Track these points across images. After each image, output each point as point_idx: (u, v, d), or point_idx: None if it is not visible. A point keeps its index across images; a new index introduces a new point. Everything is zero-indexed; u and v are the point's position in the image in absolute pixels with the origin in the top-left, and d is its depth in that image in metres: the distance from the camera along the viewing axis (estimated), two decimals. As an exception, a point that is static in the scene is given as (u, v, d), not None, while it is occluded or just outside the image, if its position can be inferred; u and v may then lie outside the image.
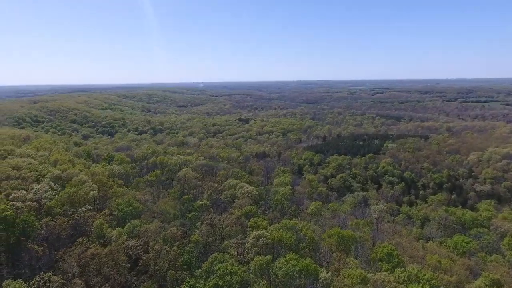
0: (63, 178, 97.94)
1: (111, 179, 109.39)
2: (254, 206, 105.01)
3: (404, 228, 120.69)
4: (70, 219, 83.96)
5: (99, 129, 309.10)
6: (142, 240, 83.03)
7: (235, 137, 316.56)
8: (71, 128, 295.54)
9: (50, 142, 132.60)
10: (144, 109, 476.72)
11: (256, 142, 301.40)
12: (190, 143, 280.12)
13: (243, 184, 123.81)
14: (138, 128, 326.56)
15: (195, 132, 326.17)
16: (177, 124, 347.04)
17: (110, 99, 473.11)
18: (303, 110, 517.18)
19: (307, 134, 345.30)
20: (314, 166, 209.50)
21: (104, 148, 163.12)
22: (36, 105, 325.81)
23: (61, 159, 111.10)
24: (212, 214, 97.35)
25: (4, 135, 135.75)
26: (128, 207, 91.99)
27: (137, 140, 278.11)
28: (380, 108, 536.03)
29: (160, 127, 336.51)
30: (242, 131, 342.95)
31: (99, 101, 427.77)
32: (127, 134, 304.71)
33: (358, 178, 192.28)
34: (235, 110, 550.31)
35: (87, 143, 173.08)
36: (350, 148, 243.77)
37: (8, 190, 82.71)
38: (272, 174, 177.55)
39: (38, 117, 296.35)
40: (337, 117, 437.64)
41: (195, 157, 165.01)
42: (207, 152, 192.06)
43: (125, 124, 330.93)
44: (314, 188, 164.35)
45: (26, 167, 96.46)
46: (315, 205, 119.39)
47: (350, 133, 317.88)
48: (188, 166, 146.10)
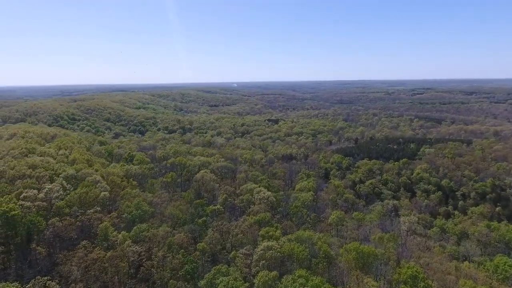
0: (77, 178, 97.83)
1: (125, 180, 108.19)
2: (268, 214, 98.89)
3: (437, 244, 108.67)
4: (78, 221, 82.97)
5: (131, 128, 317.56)
6: (146, 246, 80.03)
7: (263, 138, 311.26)
8: (105, 126, 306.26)
9: (73, 141, 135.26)
10: (176, 108, 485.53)
11: (284, 143, 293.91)
12: (217, 143, 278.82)
13: (260, 189, 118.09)
14: (168, 127, 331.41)
15: (223, 132, 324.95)
16: (206, 123, 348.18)
17: (144, 99, 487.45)
18: (336, 111, 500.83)
19: (338, 136, 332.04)
20: (342, 170, 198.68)
21: (128, 147, 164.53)
22: (74, 104, 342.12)
23: (79, 158, 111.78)
24: (222, 221, 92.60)
25: (32, 133, 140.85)
26: (136, 210, 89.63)
27: (166, 139, 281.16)
28: (420, 109, 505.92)
29: (189, 126, 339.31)
30: (271, 131, 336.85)
31: (133, 100, 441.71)
32: (157, 133, 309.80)
33: (389, 185, 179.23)
34: (266, 110, 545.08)
35: (112, 142, 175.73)
36: (382, 152, 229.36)
37: (20, 189, 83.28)
38: (295, 178, 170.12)
39: (75, 115, 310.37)
40: (371, 118, 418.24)
41: (216, 158, 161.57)
42: (229, 153, 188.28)
43: (156, 123, 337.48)
44: (339, 195, 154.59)
45: (42, 166, 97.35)
46: (337, 214, 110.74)
47: (384, 136, 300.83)
48: (207, 168, 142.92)
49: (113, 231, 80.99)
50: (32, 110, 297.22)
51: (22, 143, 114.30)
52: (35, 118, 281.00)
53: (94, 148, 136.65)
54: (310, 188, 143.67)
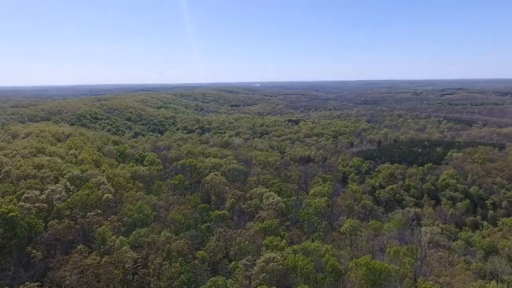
0: (82, 179, 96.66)
1: (131, 182, 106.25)
2: (276, 221, 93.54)
3: (461, 260, 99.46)
4: (77, 223, 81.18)
5: (151, 127, 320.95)
6: (144, 252, 76.94)
7: (282, 139, 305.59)
8: (125, 125, 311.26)
9: (84, 141, 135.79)
10: (197, 108, 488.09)
11: (303, 145, 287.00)
12: (234, 144, 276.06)
13: (270, 194, 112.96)
14: (187, 127, 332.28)
15: (241, 133, 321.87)
16: (225, 123, 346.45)
17: (166, 98, 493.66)
18: (360, 111, 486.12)
19: (360, 138, 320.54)
20: (361, 174, 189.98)
21: (141, 147, 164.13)
22: (97, 103, 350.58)
23: (87, 158, 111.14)
24: (225, 228, 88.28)
25: (47, 132, 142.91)
26: (138, 214, 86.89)
27: (183, 139, 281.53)
28: (449, 110, 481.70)
29: (208, 126, 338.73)
30: (290, 132, 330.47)
31: (155, 100, 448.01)
32: (176, 132, 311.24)
33: (412, 191, 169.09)
34: (288, 110, 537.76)
35: (126, 142, 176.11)
36: (406, 156, 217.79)
37: (23, 190, 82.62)
38: (311, 182, 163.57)
39: (98, 114, 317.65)
40: (396, 120, 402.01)
41: (229, 160, 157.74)
42: (244, 155, 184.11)
43: (175, 122, 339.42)
44: (357, 201, 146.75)
45: (48, 166, 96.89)
46: (350, 223, 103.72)
47: (409, 138, 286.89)
48: (218, 170, 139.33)
49: (111, 235, 78.49)
50: (57, 109, 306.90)
51: (34, 143, 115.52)
52: (59, 117, 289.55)
53: (106, 148, 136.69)
54: (325, 193, 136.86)
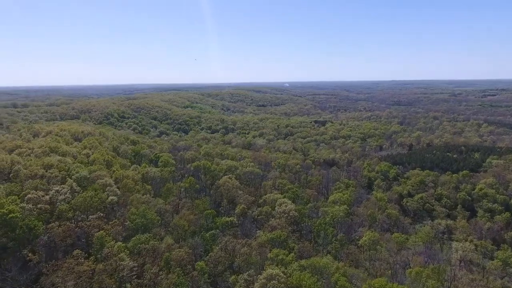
0: (89, 180, 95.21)
1: (140, 184, 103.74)
2: (285, 232, 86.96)
3: (499, 284, 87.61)
4: (78, 227, 79.15)
5: (176, 126, 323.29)
6: (141, 261, 73.27)
7: (307, 141, 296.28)
8: (151, 124, 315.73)
9: (99, 141, 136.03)
10: (223, 107, 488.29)
11: (329, 147, 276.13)
12: (257, 145, 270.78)
13: (284, 200, 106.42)
14: (211, 127, 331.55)
15: (265, 133, 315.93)
16: (249, 124, 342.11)
17: (194, 98, 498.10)
18: (391, 113, 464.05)
19: (391, 141, 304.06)
20: (388, 181, 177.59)
21: (159, 147, 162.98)
22: (125, 102, 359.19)
23: (98, 158, 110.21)
24: (230, 237, 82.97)
25: (66, 131, 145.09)
26: (140, 218, 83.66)
27: (206, 139, 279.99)
28: (490, 113, 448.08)
29: (232, 126, 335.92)
30: (316, 134, 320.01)
31: (183, 99, 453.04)
32: (200, 132, 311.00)
33: (444, 200, 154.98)
34: (315, 111, 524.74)
35: (145, 142, 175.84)
36: (439, 162, 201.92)
37: (27, 190, 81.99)
38: (332, 188, 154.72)
39: (125, 113, 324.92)
40: (431, 122, 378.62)
41: (246, 162, 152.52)
42: (263, 157, 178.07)
43: (200, 122, 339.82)
44: (381, 210, 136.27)
45: (58, 166, 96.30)
46: (370, 236, 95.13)
47: (444, 143, 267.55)
48: (233, 173, 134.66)
49: (110, 240, 75.65)
50: (87, 108, 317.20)
51: (49, 142, 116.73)
52: (88, 115, 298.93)
53: (122, 148, 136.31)
54: (346, 200, 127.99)
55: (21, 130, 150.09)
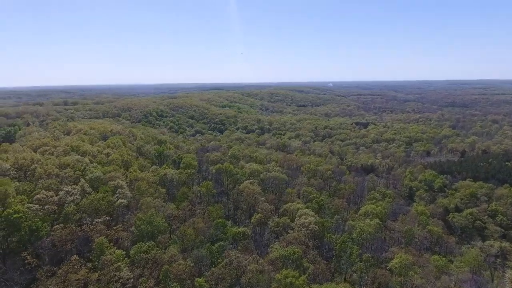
0: (101, 181, 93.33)
1: (155, 187, 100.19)
2: (301, 248, 77.74)
3: None
4: (82, 230, 76.62)
5: (212, 126, 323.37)
6: (138, 272, 68.57)
7: (346, 143, 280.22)
8: (188, 123, 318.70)
9: (124, 140, 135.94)
10: (262, 107, 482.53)
11: (370, 151, 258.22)
12: (292, 147, 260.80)
13: (305, 211, 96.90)
14: (247, 127, 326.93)
15: (302, 135, 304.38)
16: (286, 124, 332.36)
17: (233, 97, 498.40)
18: (443, 115, 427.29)
19: (440, 146, 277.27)
20: (432, 192, 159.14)
21: (186, 147, 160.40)
22: (165, 101, 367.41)
23: (117, 159, 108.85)
24: (237, 252, 75.64)
25: (95, 129, 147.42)
26: (146, 225, 79.36)
27: (240, 139, 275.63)
28: None
29: (268, 126, 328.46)
30: (356, 136, 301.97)
31: (221, 99, 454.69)
32: (235, 132, 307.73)
33: (499, 218, 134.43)
34: (358, 112, 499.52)
35: (173, 141, 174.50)
36: (495, 172, 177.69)
37: (38, 190, 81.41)
38: (366, 197, 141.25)
39: (164, 112, 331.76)
40: (489, 126, 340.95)
41: (272, 166, 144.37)
42: (293, 161, 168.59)
43: (236, 122, 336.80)
44: (421, 225, 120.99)
45: (74, 165, 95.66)
46: (402, 259, 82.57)
47: (503, 150, 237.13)
48: (256, 177, 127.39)
49: (111, 247, 72.07)
50: (128, 106, 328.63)
51: (73, 140, 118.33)
52: (128, 113, 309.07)
53: (145, 147, 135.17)
54: (379, 213, 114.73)
55: (57, 128, 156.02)
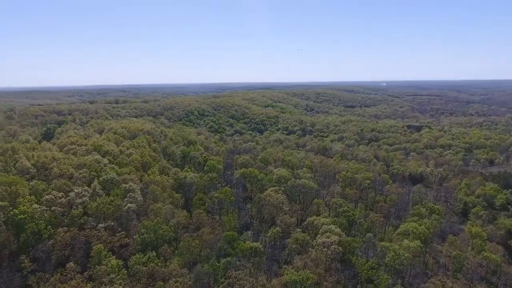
0: (114, 183, 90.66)
1: (169, 191, 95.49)
2: (315, 274, 67.18)
3: None
4: (85, 235, 73.60)
5: (252, 126, 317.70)
6: (131, 286, 63.33)
7: (394, 148, 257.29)
8: (228, 123, 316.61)
9: (150, 140, 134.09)
10: (307, 107, 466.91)
11: (421, 158, 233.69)
12: (333, 150, 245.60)
13: (329, 228, 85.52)
14: (288, 128, 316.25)
15: (345, 137, 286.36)
16: (329, 126, 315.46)
17: (277, 97, 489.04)
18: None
19: (507, 154, 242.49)
20: (493, 209, 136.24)
21: (216, 148, 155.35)
22: (207, 100, 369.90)
23: (136, 160, 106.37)
24: (241, 272, 67.27)
25: (126, 128, 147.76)
26: (149, 234, 74.32)
27: (279, 141, 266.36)
28: None
29: (311, 128, 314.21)
30: (407, 141, 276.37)
31: (265, 98, 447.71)
32: (275, 133, 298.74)
33: None
34: (412, 114, 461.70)
35: (205, 141, 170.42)
36: None
37: (49, 190, 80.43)
38: (409, 212, 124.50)
39: (205, 111, 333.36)
40: None
41: (303, 172, 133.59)
42: (329, 166, 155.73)
43: (277, 122, 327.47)
44: (475, 250, 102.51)
45: (91, 166, 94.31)
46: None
47: None
48: (283, 185, 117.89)
49: (109, 256, 67.94)
50: (170, 105, 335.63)
51: (98, 140, 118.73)
52: (170, 112, 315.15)
53: (170, 148, 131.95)
54: (422, 233, 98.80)
55: (92, 126, 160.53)
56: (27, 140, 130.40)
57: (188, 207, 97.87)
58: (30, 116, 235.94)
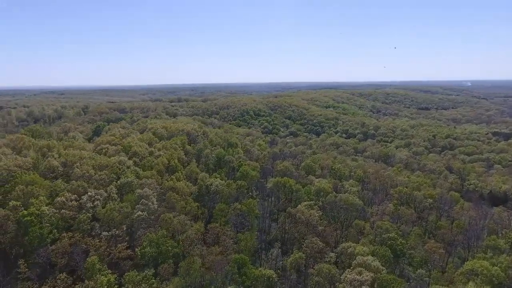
0: (132, 187, 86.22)
1: (187, 199, 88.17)
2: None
3: None
4: (85, 244, 69.34)
5: (308, 127, 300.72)
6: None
7: (472, 159, 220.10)
8: (283, 124, 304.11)
9: (184, 141, 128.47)
10: (373, 109, 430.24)
11: (508, 172, 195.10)
12: (396, 158, 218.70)
13: (364, 259, 69.69)
14: (347, 131, 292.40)
15: (413, 144, 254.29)
16: (395, 130, 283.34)
17: (340, 97, 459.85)
18: None
19: None
20: None
21: (257, 152, 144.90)
22: (264, 100, 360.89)
23: (161, 163, 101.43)
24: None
25: (165, 128, 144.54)
26: (151, 248, 67.38)
27: (335, 145, 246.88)
28: None
29: (373, 131, 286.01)
30: (490, 151, 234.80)
31: (327, 99, 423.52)
32: (332, 136, 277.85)
33: None
34: (501, 119, 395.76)
35: (249, 144, 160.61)
36: None
37: (64, 192, 78.47)
38: (481, 243, 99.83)
39: (261, 111, 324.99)
40: None
41: (350, 184, 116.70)
42: (384, 178, 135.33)
43: (336, 124, 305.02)
44: None
45: (112, 167, 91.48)
46: None
47: None
48: (321, 199, 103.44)
49: (104, 269, 62.42)
50: (226, 104, 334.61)
51: (130, 140, 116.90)
52: (225, 112, 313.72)
53: (205, 151, 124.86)
54: (495, 276, 76.40)
55: (139, 125, 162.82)
56: (74, 137, 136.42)
57: (209, 218, 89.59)
58: (95, 113, 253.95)
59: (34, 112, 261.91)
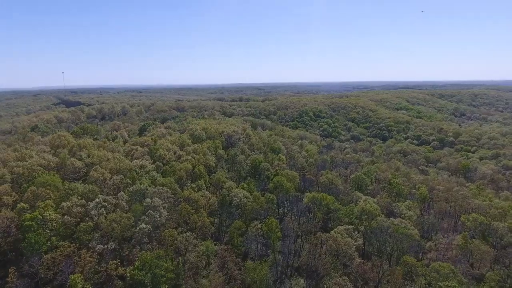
0: (145, 195, 79.51)
1: (200, 212, 78.51)
2: None
3: None
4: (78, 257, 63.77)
5: (373, 131, 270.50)
6: None
7: None
8: (346, 126, 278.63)
9: (217, 145, 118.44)
10: (456, 112, 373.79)
11: None
12: (478, 172, 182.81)
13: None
14: (420, 136, 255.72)
15: (503, 156, 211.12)
16: (480, 138, 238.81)
17: (416, 98, 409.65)
18: None
19: None
20: None
21: (300, 160, 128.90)
22: (326, 101, 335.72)
23: (183, 169, 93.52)
24: None
25: (205, 129, 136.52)
26: (143, 270, 59.11)
27: (401, 153, 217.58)
28: None
29: (453, 139, 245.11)
30: None
31: (399, 100, 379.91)
32: (401, 142, 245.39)
33: None
34: None
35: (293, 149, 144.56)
36: None
37: (72, 197, 74.71)
38: None
39: (321, 112, 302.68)
40: None
41: (405, 206, 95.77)
42: (452, 200, 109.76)
43: (407, 129, 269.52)
44: None
45: (130, 172, 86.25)
46: None
47: None
48: (363, 223, 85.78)
49: (87, 286, 55.86)
50: (285, 104, 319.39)
51: (162, 142, 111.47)
52: (283, 112, 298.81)
53: (239, 157, 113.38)
54: None
55: (183, 125, 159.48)
56: (115, 136, 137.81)
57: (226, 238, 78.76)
58: (155, 111, 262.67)
59: (103, 109, 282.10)
